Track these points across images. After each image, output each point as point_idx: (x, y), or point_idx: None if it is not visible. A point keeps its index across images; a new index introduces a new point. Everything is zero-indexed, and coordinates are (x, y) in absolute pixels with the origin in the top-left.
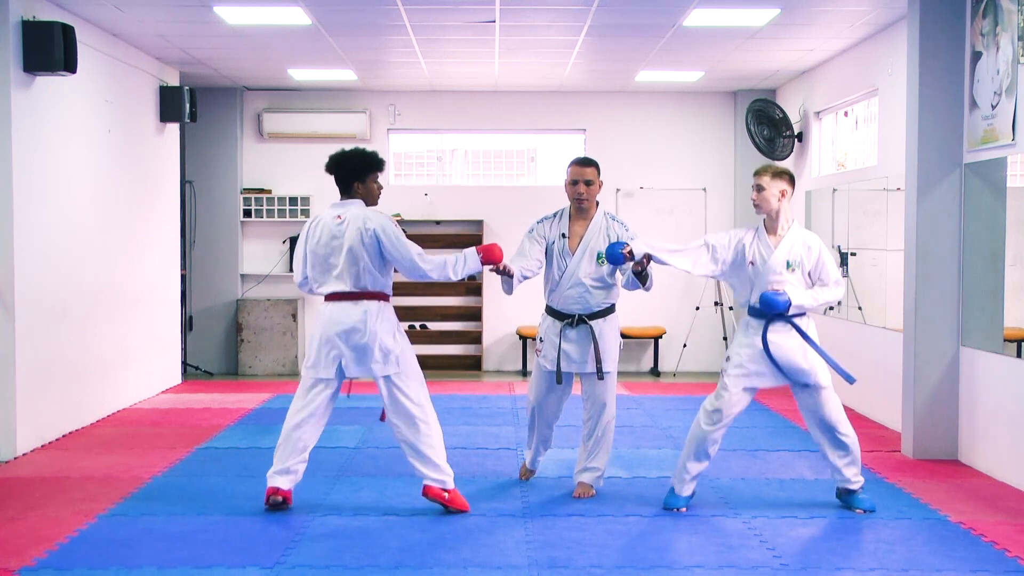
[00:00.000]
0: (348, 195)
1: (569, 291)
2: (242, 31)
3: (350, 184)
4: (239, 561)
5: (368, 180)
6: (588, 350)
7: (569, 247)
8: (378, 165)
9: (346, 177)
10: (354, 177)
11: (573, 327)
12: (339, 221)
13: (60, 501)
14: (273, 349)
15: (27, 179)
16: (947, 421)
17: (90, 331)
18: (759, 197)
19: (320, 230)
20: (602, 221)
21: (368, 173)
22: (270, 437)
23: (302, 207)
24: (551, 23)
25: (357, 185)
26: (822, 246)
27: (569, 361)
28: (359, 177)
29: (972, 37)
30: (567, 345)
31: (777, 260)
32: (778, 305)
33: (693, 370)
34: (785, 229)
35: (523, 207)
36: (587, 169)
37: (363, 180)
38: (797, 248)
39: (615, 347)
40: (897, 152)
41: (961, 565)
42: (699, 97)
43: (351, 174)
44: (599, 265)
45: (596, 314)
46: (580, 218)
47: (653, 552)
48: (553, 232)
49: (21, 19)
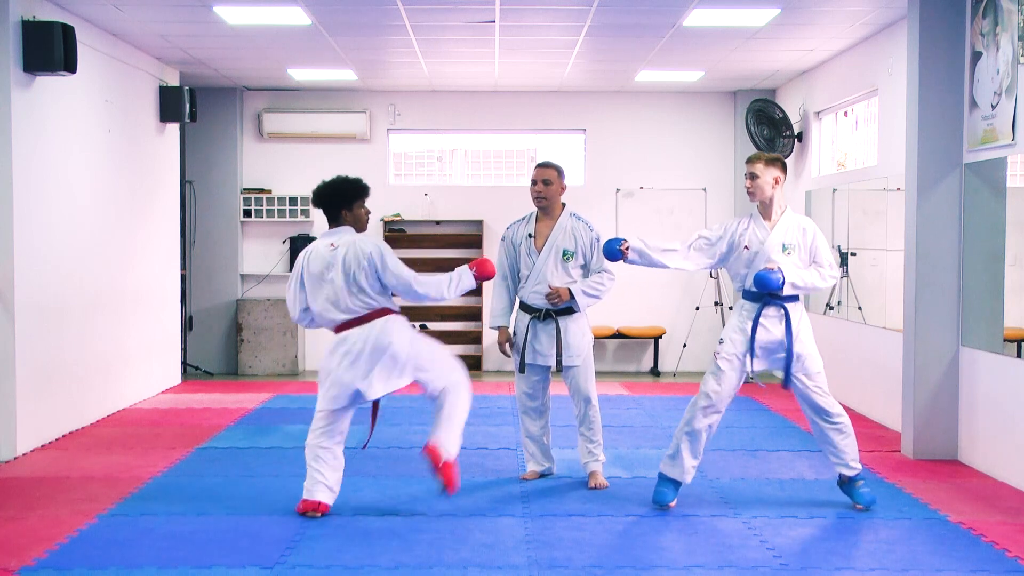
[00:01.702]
0: (336, 223)
1: (536, 287)
2: (242, 31)
3: (338, 213)
4: (239, 561)
5: (355, 207)
6: (553, 344)
7: (535, 246)
8: (363, 192)
9: (334, 206)
10: (341, 205)
11: (541, 321)
12: (332, 249)
13: (60, 501)
14: (273, 349)
15: (27, 179)
16: (947, 421)
17: (90, 331)
18: (753, 184)
19: (315, 261)
20: (567, 221)
21: (354, 200)
22: (270, 437)
23: (302, 207)
24: (551, 23)
25: (345, 213)
26: (816, 229)
27: (535, 354)
28: (346, 205)
29: (972, 37)
30: (535, 339)
31: (773, 243)
32: (771, 283)
33: (693, 370)
34: (779, 214)
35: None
36: (546, 170)
37: (350, 208)
38: (793, 231)
39: (582, 341)
40: (897, 152)
41: (961, 565)
42: (699, 97)
43: (338, 203)
44: (564, 263)
45: (562, 310)
46: (546, 218)
47: (653, 552)
48: (520, 233)
49: (21, 19)
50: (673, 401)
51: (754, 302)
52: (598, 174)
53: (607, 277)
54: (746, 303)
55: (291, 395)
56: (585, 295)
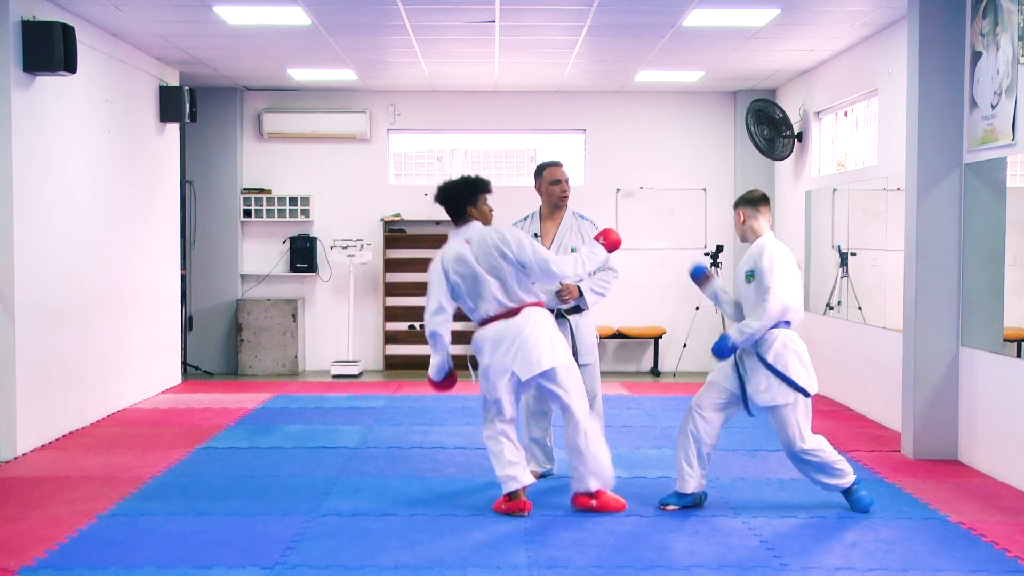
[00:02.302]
0: (463, 221)
1: (545, 287)
2: (242, 31)
3: (464, 210)
4: (239, 561)
5: (479, 203)
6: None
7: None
8: (485, 187)
9: (460, 202)
10: (467, 202)
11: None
12: (467, 244)
13: (60, 501)
14: (273, 349)
15: (27, 179)
16: (947, 421)
17: (90, 331)
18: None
19: (455, 260)
20: (572, 220)
21: (478, 196)
22: (270, 437)
23: (302, 207)
24: (551, 23)
25: (470, 209)
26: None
27: None
28: (471, 202)
29: (972, 37)
30: None
31: (738, 272)
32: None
33: (693, 370)
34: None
35: (523, 207)
36: (564, 169)
37: (475, 204)
38: (750, 258)
39: (592, 340)
40: (897, 152)
41: (961, 565)
42: (699, 97)
43: (463, 199)
44: None
45: (573, 309)
46: (551, 218)
47: (653, 552)
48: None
49: (21, 19)
50: (673, 401)
51: None
52: (598, 174)
53: (612, 275)
54: None
55: (291, 395)
56: (594, 293)
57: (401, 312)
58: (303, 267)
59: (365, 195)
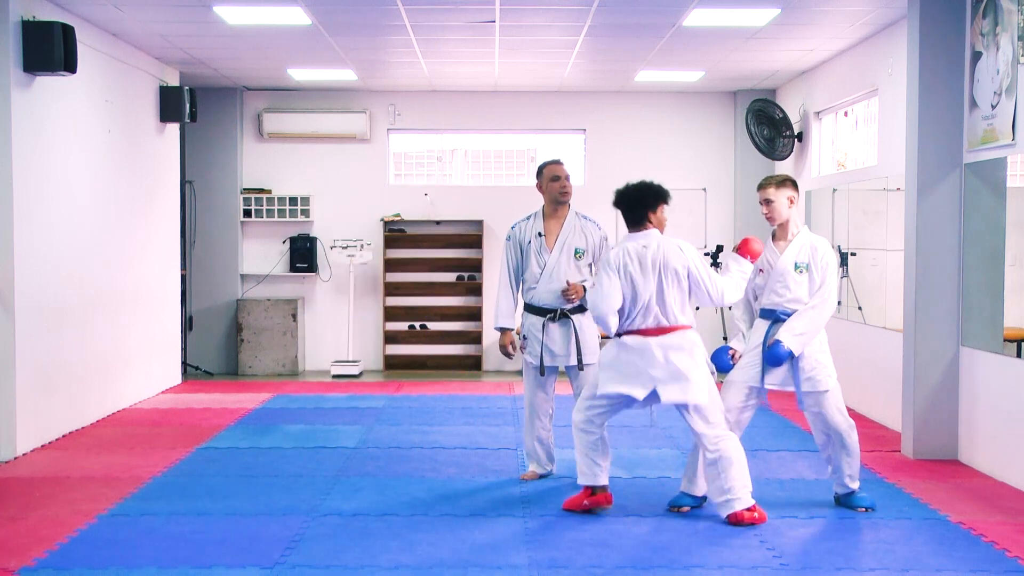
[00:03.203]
0: (640, 226)
1: (551, 285)
2: (242, 31)
3: (643, 216)
4: (239, 561)
5: (659, 210)
6: (570, 344)
7: (547, 245)
8: (665, 196)
9: (640, 210)
10: (647, 208)
11: (555, 321)
12: (645, 248)
13: (60, 501)
14: (273, 349)
15: (27, 179)
16: (947, 421)
17: (90, 331)
18: (770, 210)
19: (636, 260)
20: (576, 221)
21: (658, 203)
22: (270, 437)
23: (302, 207)
24: (551, 23)
25: (650, 215)
26: (828, 249)
27: (552, 356)
28: (651, 208)
29: (972, 37)
30: (549, 340)
31: (785, 263)
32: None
33: None
34: (794, 234)
35: (523, 207)
36: (564, 167)
37: (655, 210)
38: (805, 250)
39: (595, 340)
40: (897, 152)
41: (961, 565)
42: (699, 97)
43: (644, 205)
44: (576, 261)
45: (576, 308)
46: (554, 216)
47: (653, 552)
48: (528, 232)
49: (21, 19)
50: None
51: (765, 319)
52: (598, 174)
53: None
54: (760, 321)
55: (291, 395)
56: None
57: (401, 312)
58: (303, 267)
59: (365, 195)
